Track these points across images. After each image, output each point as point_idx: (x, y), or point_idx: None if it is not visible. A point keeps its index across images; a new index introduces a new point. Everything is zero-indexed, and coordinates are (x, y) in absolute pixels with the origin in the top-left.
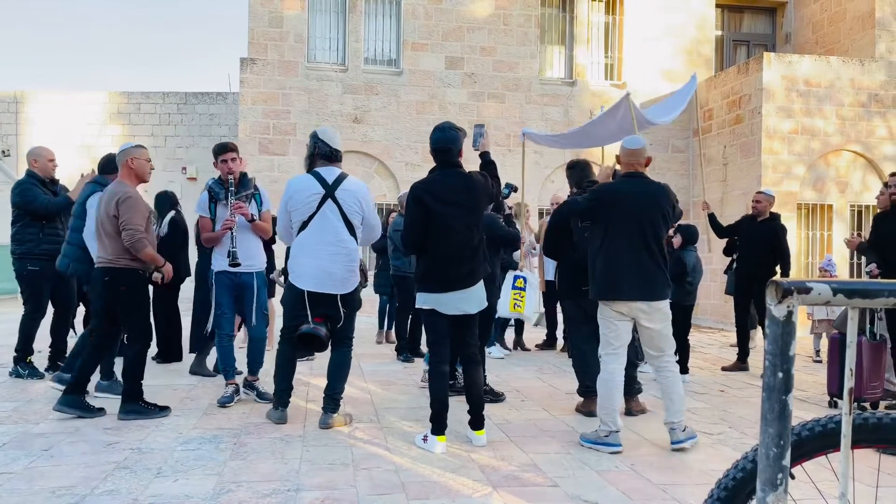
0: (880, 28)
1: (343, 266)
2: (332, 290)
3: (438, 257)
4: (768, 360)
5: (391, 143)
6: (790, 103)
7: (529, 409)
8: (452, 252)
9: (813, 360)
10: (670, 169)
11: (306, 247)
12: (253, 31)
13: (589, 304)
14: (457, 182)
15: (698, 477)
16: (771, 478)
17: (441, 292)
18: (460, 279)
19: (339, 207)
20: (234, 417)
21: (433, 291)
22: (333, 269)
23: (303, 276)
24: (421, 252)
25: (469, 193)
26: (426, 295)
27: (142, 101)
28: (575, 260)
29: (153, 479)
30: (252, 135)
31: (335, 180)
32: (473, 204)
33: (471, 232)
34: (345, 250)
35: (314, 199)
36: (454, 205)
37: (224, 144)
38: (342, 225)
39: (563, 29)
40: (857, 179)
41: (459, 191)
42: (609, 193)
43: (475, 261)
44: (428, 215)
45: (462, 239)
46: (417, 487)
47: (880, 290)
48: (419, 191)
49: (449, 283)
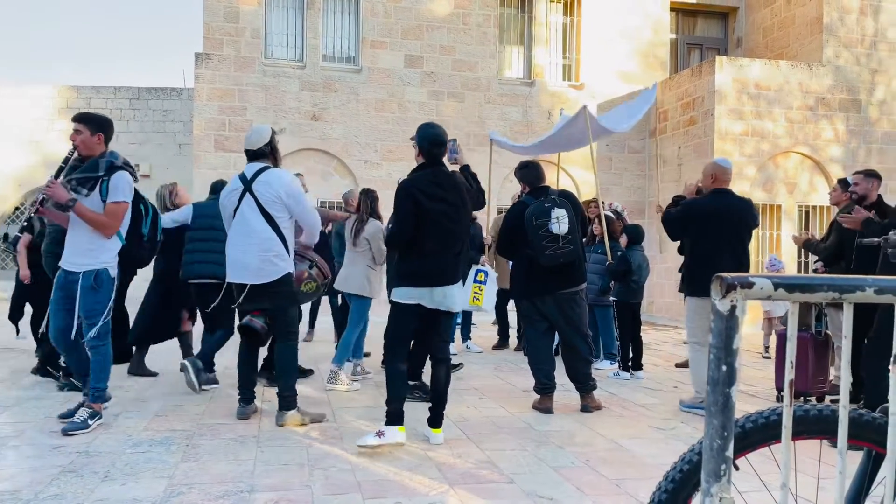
0: (828, 33)
1: (257, 256)
2: (248, 280)
3: (428, 253)
4: (713, 353)
5: (350, 141)
6: (741, 106)
7: (487, 406)
8: (441, 248)
9: (762, 356)
10: (626, 169)
11: (228, 240)
12: (208, 25)
13: (542, 302)
14: (445, 180)
15: (651, 471)
16: (715, 469)
17: (429, 287)
18: (447, 275)
19: (256, 199)
20: (186, 419)
21: (421, 286)
22: (246, 258)
23: (228, 268)
24: (407, 248)
25: (456, 191)
26: (411, 289)
27: (92, 97)
28: (529, 259)
29: (100, 483)
30: (207, 131)
31: (254, 174)
32: (460, 202)
33: (458, 229)
34: (258, 239)
35: (235, 195)
36: (443, 201)
37: (77, 115)
38: (257, 215)
39: (522, 29)
40: (804, 180)
41: (448, 188)
42: (701, 207)
43: (461, 258)
44: (418, 212)
45: (450, 235)
46: (373, 486)
47: (820, 284)
48: (410, 187)
49: (437, 278)
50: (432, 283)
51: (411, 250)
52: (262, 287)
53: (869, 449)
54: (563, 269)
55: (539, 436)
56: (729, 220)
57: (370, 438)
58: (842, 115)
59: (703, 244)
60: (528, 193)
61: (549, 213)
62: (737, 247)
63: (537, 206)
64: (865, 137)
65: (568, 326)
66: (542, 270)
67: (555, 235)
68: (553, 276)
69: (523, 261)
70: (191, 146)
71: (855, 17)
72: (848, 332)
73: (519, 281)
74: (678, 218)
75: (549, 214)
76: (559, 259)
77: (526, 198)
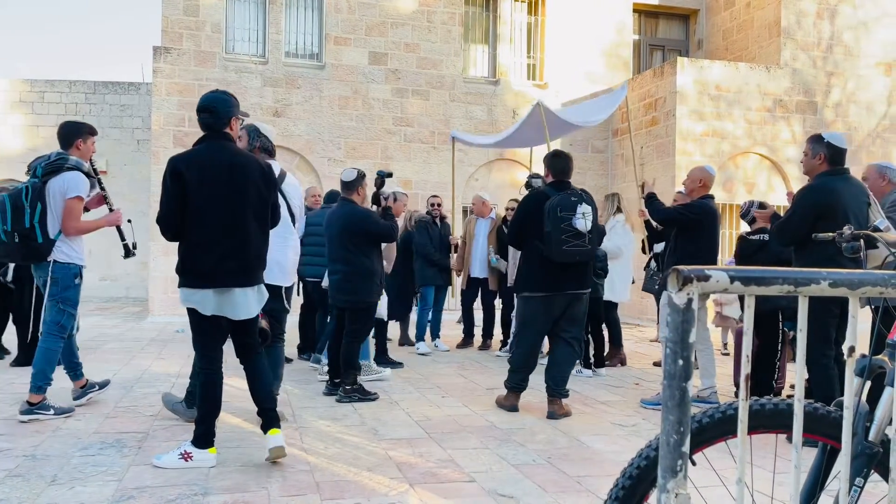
0: (785, 36)
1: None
2: (283, 282)
3: (194, 244)
4: (669, 347)
5: (313, 137)
6: (702, 107)
7: (450, 405)
8: (211, 239)
9: (721, 353)
10: (590, 168)
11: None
12: (167, 19)
13: (553, 298)
14: (224, 157)
15: (612, 468)
16: (671, 464)
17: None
18: (228, 274)
19: None
20: (140, 420)
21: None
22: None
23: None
24: (178, 239)
25: (240, 171)
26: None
27: (46, 90)
28: (538, 253)
29: (47, 487)
30: (166, 127)
31: None
32: (243, 184)
33: (238, 217)
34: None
35: None
36: (220, 183)
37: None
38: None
39: (487, 28)
40: (763, 180)
41: (226, 168)
42: (711, 209)
43: (246, 254)
44: (185, 193)
45: (227, 225)
46: (332, 487)
47: (775, 277)
48: (178, 163)
49: (212, 277)
50: (206, 284)
51: (182, 241)
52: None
53: (824, 444)
54: (576, 269)
55: (501, 434)
56: (718, 222)
57: (172, 457)
58: (798, 116)
59: (699, 243)
60: (549, 185)
61: (576, 207)
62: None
63: (563, 198)
64: None
65: (569, 324)
66: (556, 267)
67: (577, 232)
68: (567, 273)
69: (534, 254)
70: (149, 142)
71: (812, 20)
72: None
73: (532, 274)
74: (695, 218)
75: (576, 209)
76: (575, 257)
77: (548, 189)
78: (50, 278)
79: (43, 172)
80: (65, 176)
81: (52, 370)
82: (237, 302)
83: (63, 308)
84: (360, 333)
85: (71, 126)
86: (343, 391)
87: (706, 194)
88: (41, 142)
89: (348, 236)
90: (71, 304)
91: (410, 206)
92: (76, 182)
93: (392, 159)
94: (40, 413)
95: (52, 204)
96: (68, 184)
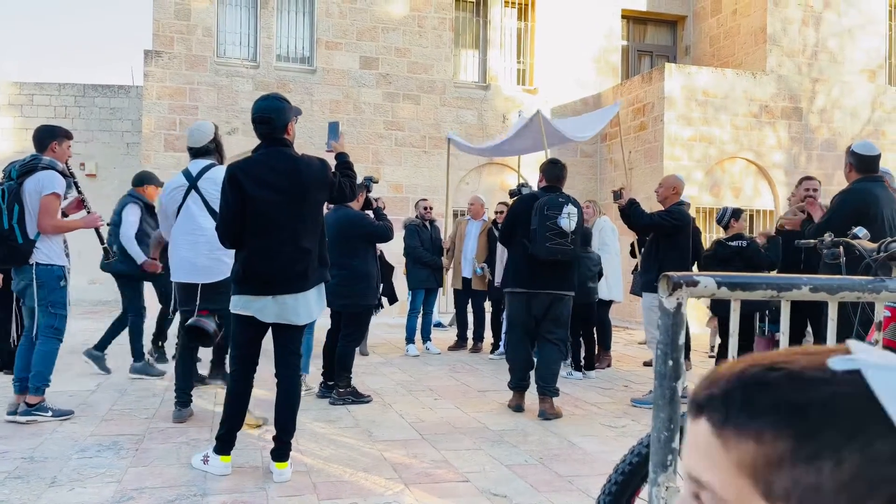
0: (771, 43)
1: (205, 255)
2: (196, 280)
3: (253, 252)
4: (659, 349)
5: (304, 141)
6: (690, 112)
7: (442, 407)
8: (271, 247)
9: (709, 356)
10: (579, 173)
11: (173, 239)
12: (158, 22)
13: (535, 296)
14: (282, 164)
15: (602, 467)
16: (662, 460)
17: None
18: (284, 282)
19: (202, 197)
20: (136, 423)
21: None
22: (195, 258)
23: (174, 268)
24: (238, 246)
25: (298, 177)
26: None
27: (35, 93)
28: (525, 251)
29: (47, 489)
30: (157, 130)
31: (199, 172)
32: (299, 190)
33: (298, 224)
34: (204, 238)
35: (179, 193)
36: (279, 190)
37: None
38: (203, 213)
39: (477, 33)
40: (749, 185)
41: (286, 175)
42: (686, 215)
43: (306, 261)
44: (244, 201)
45: (286, 232)
46: (329, 488)
47: (759, 283)
48: (236, 171)
49: (268, 285)
50: (264, 292)
51: (240, 249)
52: (212, 286)
53: None
54: (559, 269)
55: (494, 435)
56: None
57: (196, 460)
58: (784, 122)
59: (680, 247)
60: (542, 188)
61: (562, 207)
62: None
63: (551, 198)
64: (806, 144)
65: (553, 325)
66: (539, 265)
67: (562, 231)
68: (549, 272)
69: (520, 251)
70: (139, 145)
71: (797, 27)
72: (785, 329)
73: (517, 271)
74: (677, 223)
75: (562, 209)
76: (557, 254)
77: (539, 192)
78: (35, 283)
79: (18, 174)
80: (39, 175)
81: (50, 372)
82: (297, 307)
83: (53, 311)
84: (356, 336)
85: (45, 130)
86: (337, 393)
87: (679, 200)
88: (30, 145)
89: (343, 240)
90: (60, 305)
91: (401, 211)
92: (51, 179)
93: (383, 163)
94: (38, 414)
95: (30, 203)
96: (43, 181)
